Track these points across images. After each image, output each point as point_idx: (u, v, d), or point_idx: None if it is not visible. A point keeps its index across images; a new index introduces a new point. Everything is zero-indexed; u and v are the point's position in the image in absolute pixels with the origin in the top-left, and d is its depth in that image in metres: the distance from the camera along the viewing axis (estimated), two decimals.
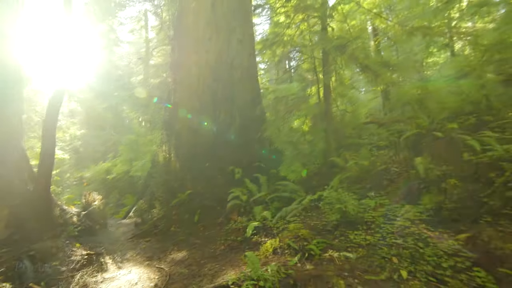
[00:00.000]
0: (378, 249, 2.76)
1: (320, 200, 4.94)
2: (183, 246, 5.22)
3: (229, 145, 8.52)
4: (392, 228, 3.03)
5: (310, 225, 4.18)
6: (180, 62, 9.13)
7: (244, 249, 4.11)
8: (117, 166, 11.87)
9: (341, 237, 3.37)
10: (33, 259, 4.11)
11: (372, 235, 3.10)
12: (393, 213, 3.35)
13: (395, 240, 2.79)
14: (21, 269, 3.82)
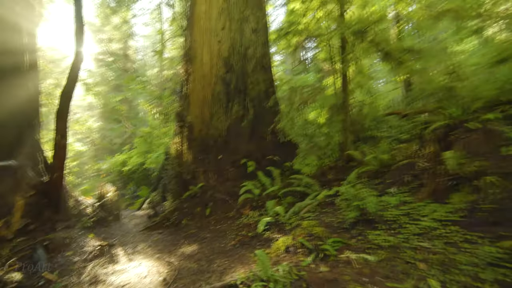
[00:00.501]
0: (401, 252, 2.48)
1: (336, 196, 4.68)
2: (194, 239, 5.15)
3: (242, 137, 8.35)
4: (417, 229, 2.73)
5: (325, 222, 3.93)
6: (193, 53, 8.97)
7: (255, 246, 3.95)
8: (132, 158, 12.07)
9: (359, 237, 3.11)
10: (47, 249, 4.18)
11: (394, 236, 2.81)
12: (417, 212, 3.03)
13: (421, 242, 2.50)
14: (35, 258, 3.88)
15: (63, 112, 4.88)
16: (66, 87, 4.92)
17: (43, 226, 4.60)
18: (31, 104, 5.70)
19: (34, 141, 5.44)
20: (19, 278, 2.97)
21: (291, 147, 8.84)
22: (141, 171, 12.13)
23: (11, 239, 4.12)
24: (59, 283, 3.58)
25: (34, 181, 4.76)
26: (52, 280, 3.64)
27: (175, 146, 6.94)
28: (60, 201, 5.00)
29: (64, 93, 4.94)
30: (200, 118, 8.44)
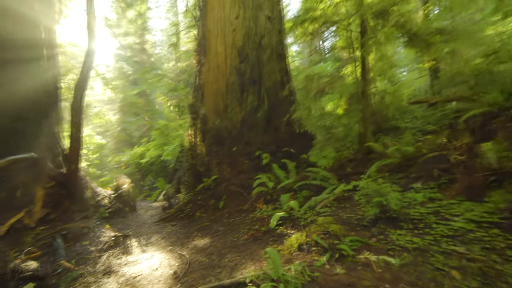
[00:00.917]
0: (430, 256, 2.19)
1: (355, 191, 4.38)
2: (207, 232, 5.10)
3: (257, 128, 8.15)
4: (449, 230, 2.41)
5: (342, 219, 3.68)
6: (206, 43, 8.80)
7: (267, 241, 3.80)
8: (150, 150, 12.31)
9: (380, 236, 2.83)
10: (66, 238, 4.29)
11: (420, 237, 2.51)
12: (448, 210, 2.69)
13: (454, 246, 2.19)
14: (55, 246, 3.99)
15: (78, 105, 4.93)
16: (79, 80, 4.96)
17: (62, 216, 4.74)
18: (49, 97, 5.85)
19: (53, 134, 5.58)
20: (35, 266, 3.04)
21: (307, 139, 8.51)
22: (158, 163, 12.36)
23: (34, 228, 4.27)
24: (75, 272, 3.65)
25: (53, 173, 4.89)
26: (69, 268, 3.73)
27: (188, 138, 6.89)
28: (77, 192, 5.12)
29: (78, 86, 4.97)
30: (214, 109, 8.33)
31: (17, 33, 5.01)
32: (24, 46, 5.23)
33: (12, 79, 4.92)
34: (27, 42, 5.29)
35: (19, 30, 5.11)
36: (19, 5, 5.39)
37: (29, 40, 5.34)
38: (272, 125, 8.32)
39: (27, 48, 5.26)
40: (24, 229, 4.11)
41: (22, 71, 5.16)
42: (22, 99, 5.09)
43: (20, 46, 5.14)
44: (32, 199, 4.52)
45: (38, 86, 5.48)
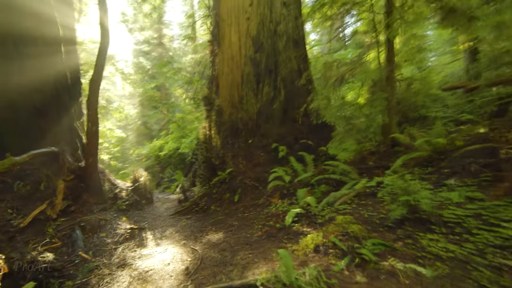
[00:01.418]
0: (472, 269, 1.86)
1: (378, 187, 4.02)
2: (221, 227, 5.01)
3: (273, 120, 7.89)
4: (495, 238, 2.04)
5: (363, 218, 3.37)
6: (220, 33, 8.56)
7: (281, 239, 3.59)
8: (168, 143, 12.51)
9: (407, 240, 2.51)
10: (84, 230, 4.38)
11: (458, 244, 2.16)
12: (494, 214, 2.30)
13: (505, 259, 1.84)
14: (74, 237, 4.08)
15: (93, 100, 4.95)
16: (94, 75, 4.96)
17: (82, 208, 4.85)
18: (69, 92, 5.97)
19: (73, 128, 5.71)
20: (51, 258, 3.08)
21: (326, 130, 8.10)
22: (176, 156, 12.54)
23: (56, 219, 4.40)
24: (92, 263, 3.70)
25: (72, 166, 5.00)
26: (87, 259, 3.79)
27: (203, 130, 6.80)
28: (95, 185, 5.22)
29: (93, 80, 4.98)
30: (229, 101, 8.15)
31: (34, 30, 5.09)
32: (42, 43, 5.31)
33: (31, 75, 5.04)
34: (45, 38, 5.37)
35: (35, 26, 5.18)
36: (35, 3, 5.48)
37: (47, 37, 5.41)
38: (289, 116, 8.00)
39: (45, 44, 5.34)
40: (47, 220, 4.24)
41: (41, 67, 5.26)
42: (43, 95, 5.22)
43: (38, 42, 5.23)
44: (54, 191, 4.65)
45: (58, 82, 5.59)
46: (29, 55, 5.03)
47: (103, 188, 5.53)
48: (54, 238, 3.88)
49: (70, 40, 7.20)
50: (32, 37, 5.15)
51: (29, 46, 5.09)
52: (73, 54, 7.16)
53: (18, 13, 4.92)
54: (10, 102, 4.71)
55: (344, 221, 2.82)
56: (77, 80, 6.56)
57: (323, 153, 7.41)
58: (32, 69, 5.07)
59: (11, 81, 4.72)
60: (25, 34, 5.03)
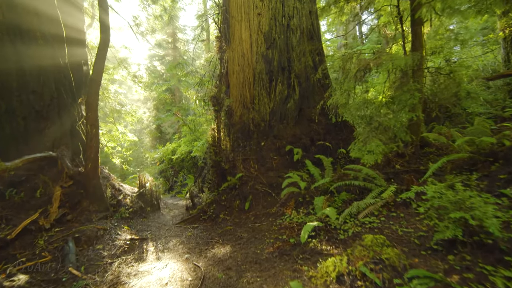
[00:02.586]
0: None
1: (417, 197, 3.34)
2: (229, 239, 4.49)
3: (287, 120, 7.32)
4: None
5: (396, 236, 2.72)
6: (231, 30, 8.15)
7: (296, 259, 3.01)
8: (181, 147, 12.24)
9: (466, 274, 1.86)
10: (79, 241, 4.03)
11: None
12: None
13: None
14: (66, 251, 3.72)
15: (93, 100, 4.64)
16: (93, 74, 4.66)
17: (80, 216, 4.53)
18: (73, 95, 5.75)
19: (75, 131, 5.46)
20: (23, 282, 2.68)
21: (345, 130, 7.41)
22: (189, 160, 12.25)
23: (49, 229, 4.08)
24: (82, 281, 3.31)
25: (71, 171, 4.70)
26: (77, 276, 3.41)
27: (212, 133, 6.36)
28: (96, 191, 4.90)
29: (92, 80, 4.68)
30: (240, 101, 7.69)
31: (34, 27, 4.88)
32: (43, 41, 5.11)
33: (30, 75, 4.83)
34: (45, 37, 5.17)
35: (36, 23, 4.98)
36: (35, 1, 5.30)
37: (48, 35, 5.21)
38: (304, 116, 7.39)
39: (46, 43, 5.14)
40: (39, 231, 3.94)
41: (41, 67, 5.05)
42: (42, 97, 5.00)
43: (39, 41, 5.03)
44: (50, 199, 4.37)
45: (60, 83, 5.37)
46: (28, 54, 4.82)
47: (105, 194, 5.21)
48: (44, 252, 3.54)
49: (78, 41, 7.07)
50: (31, 34, 4.94)
51: (28, 44, 4.88)
52: (81, 56, 7.03)
53: (15, 8, 4.72)
54: (7, 105, 4.50)
55: (375, 242, 2.19)
56: (80, 81, 6.36)
57: (343, 155, 6.72)
58: (31, 69, 4.85)
59: (8, 82, 4.51)
60: (24, 30, 4.83)
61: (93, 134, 4.67)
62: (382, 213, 3.43)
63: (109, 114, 10.85)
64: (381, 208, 3.52)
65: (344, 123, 7.28)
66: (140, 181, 6.16)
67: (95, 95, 4.69)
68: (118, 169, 14.98)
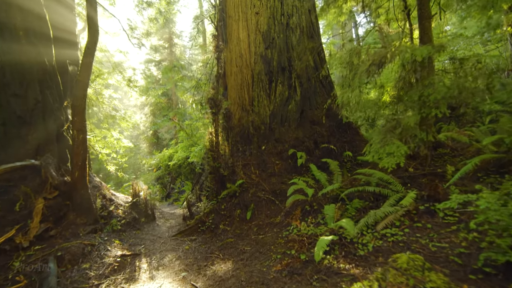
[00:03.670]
0: None
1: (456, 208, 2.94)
2: (230, 253, 4.06)
3: (289, 123, 6.95)
4: None
5: (429, 252, 2.32)
6: (228, 30, 7.83)
7: (310, 280, 2.59)
8: (178, 152, 11.83)
9: None
10: (62, 260, 3.58)
11: None
12: None
13: None
14: (45, 273, 3.27)
15: (79, 104, 4.24)
16: (80, 74, 4.28)
17: (65, 231, 4.09)
18: (60, 98, 5.34)
19: (62, 137, 5.03)
20: None
21: (350, 132, 7.03)
22: (186, 166, 11.82)
23: (28, 247, 3.63)
24: None
25: (56, 181, 4.28)
26: None
27: (209, 137, 5.97)
28: (84, 202, 4.47)
29: (79, 81, 4.28)
30: (239, 103, 7.32)
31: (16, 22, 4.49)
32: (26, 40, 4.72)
33: (11, 76, 4.42)
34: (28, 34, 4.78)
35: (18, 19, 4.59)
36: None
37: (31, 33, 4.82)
38: (306, 118, 7.03)
39: (29, 42, 4.75)
40: (16, 250, 3.49)
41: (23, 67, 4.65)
42: (25, 100, 4.59)
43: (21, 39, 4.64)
44: (30, 212, 3.92)
45: (45, 85, 4.97)
46: (9, 52, 4.42)
47: (94, 205, 4.77)
48: (19, 275, 3.09)
49: (69, 43, 6.69)
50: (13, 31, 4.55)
51: (9, 41, 4.49)
52: (72, 59, 6.64)
53: None
54: None
55: (412, 265, 1.80)
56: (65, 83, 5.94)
57: (349, 158, 6.34)
58: (12, 69, 4.45)
59: None
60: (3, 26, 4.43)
61: (80, 140, 4.25)
62: (404, 223, 3.04)
63: (103, 120, 10.45)
64: (402, 218, 3.12)
65: (349, 125, 6.92)
66: (134, 189, 5.73)
67: (82, 98, 4.29)
68: (114, 176, 14.48)
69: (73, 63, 6.42)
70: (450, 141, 5.77)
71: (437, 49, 2.90)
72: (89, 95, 9.97)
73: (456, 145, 5.63)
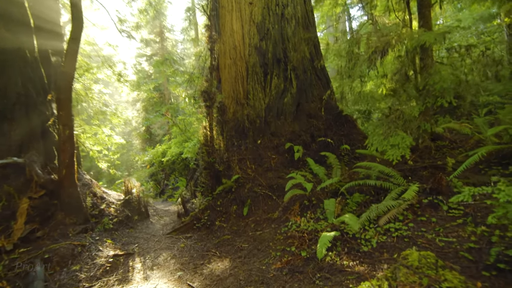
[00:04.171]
0: None
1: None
2: (227, 250, 3.93)
3: (285, 116, 6.80)
4: None
5: (437, 248, 2.23)
6: (221, 21, 7.56)
7: (312, 279, 2.48)
8: (171, 148, 11.57)
9: None
10: (50, 263, 3.39)
11: None
12: None
13: None
14: (31, 277, 3.08)
15: (65, 97, 3.99)
16: (65, 65, 4.01)
17: (53, 232, 3.88)
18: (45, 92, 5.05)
19: (48, 133, 4.77)
20: None
21: (347, 125, 6.91)
22: (180, 161, 11.59)
23: (12, 250, 3.42)
24: None
25: (42, 180, 4.04)
26: None
27: (203, 131, 5.77)
28: (73, 201, 4.25)
29: (63, 73, 4.02)
30: (233, 97, 7.11)
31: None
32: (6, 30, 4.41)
33: None
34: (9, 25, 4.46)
35: None
36: None
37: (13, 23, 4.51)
38: (302, 111, 6.88)
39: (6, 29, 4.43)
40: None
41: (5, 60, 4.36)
42: (5, 95, 4.31)
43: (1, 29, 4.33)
44: (14, 213, 3.69)
45: (27, 78, 4.67)
46: None
47: (84, 204, 4.56)
48: (2, 281, 2.89)
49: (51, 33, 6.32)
50: None
51: None
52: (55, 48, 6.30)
53: None
54: None
55: (424, 262, 1.68)
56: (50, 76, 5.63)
57: (346, 152, 6.25)
58: None
59: None
60: None
61: (67, 136, 4.02)
62: (408, 217, 2.95)
63: (94, 116, 10.10)
64: (405, 212, 3.03)
65: (346, 118, 6.81)
66: (126, 187, 5.52)
67: (68, 90, 4.04)
68: (106, 174, 14.16)
69: (57, 55, 6.09)
70: (448, 133, 5.72)
71: (444, 35, 2.77)
72: (78, 90, 9.60)
73: (454, 137, 5.58)
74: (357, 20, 20.19)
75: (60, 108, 4.01)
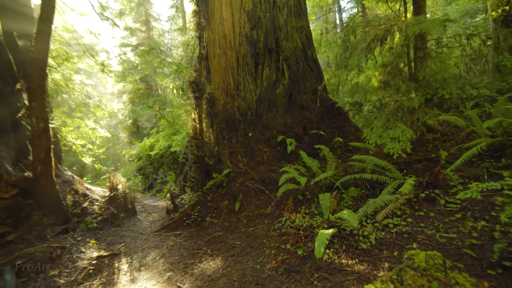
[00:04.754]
0: None
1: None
2: (219, 248, 3.77)
3: (276, 108, 6.61)
4: None
5: (437, 243, 2.15)
6: (210, 8, 7.18)
7: (310, 280, 2.35)
8: (159, 141, 11.20)
9: None
10: (23, 270, 3.11)
11: None
12: None
13: None
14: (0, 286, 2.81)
15: (37, 86, 3.63)
16: (35, 50, 3.62)
17: (28, 234, 3.58)
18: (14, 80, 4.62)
19: (19, 126, 4.38)
20: None
21: (340, 117, 6.80)
22: (169, 155, 11.25)
23: None
24: None
25: (14, 178, 3.70)
26: None
27: (192, 124, 5.51)
28: (52, 200, 3.95)
29: (34, 59, 3.64)
30: (223, 88, 6.83)
31: None
32: None
33: None
34: None
35: None
36: None
37: None
38: (295, 102, 6.71)
39: None
40: None
41: None
42: None
43: None
44: None
45: None
46: None
47: (64, 202, 4.25)
48: None
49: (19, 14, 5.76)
50: None
51: None
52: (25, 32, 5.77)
53: None
54: None
55: (431, 264, 1.56)
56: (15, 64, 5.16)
57: (339, 145, 6.16)
58: None
59: None
60: None
61: (41, 129, 3.68)
62: (406, 212, 2.86)
63: (76, 108, 9.56)
64: (403, 206, 2.94)
65: (338, 110, 6.69)
66: (111, 182, 5.23)
67: (40, 79, 3.67)
68: (90, 169, 13.61)
69: (26, 38, 5.59)
70: (439, 126, 5.71)
71: (444, 22, 2.64)
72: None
73: (445, 129, 5.58)
74: (347, 12, 20.04)
75: (32, 98, 3.65)
